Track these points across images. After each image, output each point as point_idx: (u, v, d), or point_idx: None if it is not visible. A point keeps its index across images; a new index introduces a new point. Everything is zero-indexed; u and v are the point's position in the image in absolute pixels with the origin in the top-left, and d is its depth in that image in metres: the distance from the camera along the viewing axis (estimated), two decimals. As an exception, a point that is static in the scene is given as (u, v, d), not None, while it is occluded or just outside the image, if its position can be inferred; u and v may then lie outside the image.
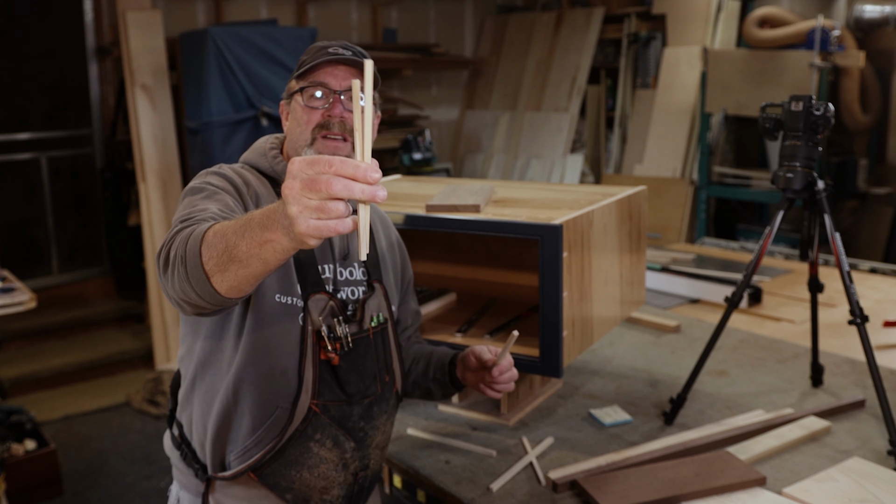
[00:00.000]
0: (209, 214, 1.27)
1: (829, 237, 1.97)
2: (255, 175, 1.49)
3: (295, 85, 1.49)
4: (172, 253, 1.17)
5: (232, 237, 1.07)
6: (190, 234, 1.16)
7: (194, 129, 5.17)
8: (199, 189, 1.38)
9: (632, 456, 1.76)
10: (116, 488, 3.75)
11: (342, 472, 1.49)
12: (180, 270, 1.13)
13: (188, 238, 1.15)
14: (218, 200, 1.34)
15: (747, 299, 3.07)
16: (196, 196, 1.35)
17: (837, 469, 1.69)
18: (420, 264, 2.58)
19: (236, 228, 1.07)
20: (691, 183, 5.96)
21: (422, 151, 6.17)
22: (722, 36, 6.00)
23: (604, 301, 2.00)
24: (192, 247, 1.12)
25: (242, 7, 6.21)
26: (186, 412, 1.52)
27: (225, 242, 1.08)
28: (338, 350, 1.44)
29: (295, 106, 1.48)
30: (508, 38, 7.34)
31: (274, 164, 1.50)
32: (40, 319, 5.27)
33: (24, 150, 5.63)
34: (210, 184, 1.39)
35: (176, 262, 1.15)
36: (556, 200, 2.04)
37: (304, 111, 1.45)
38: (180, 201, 1.39)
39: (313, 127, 1.44)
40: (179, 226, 1.23)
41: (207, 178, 1.41)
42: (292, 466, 1.45)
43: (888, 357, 2.49)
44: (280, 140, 1.57)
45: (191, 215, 1.27)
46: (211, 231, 1.11)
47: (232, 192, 1.40)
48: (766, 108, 2.04)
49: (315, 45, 1.50)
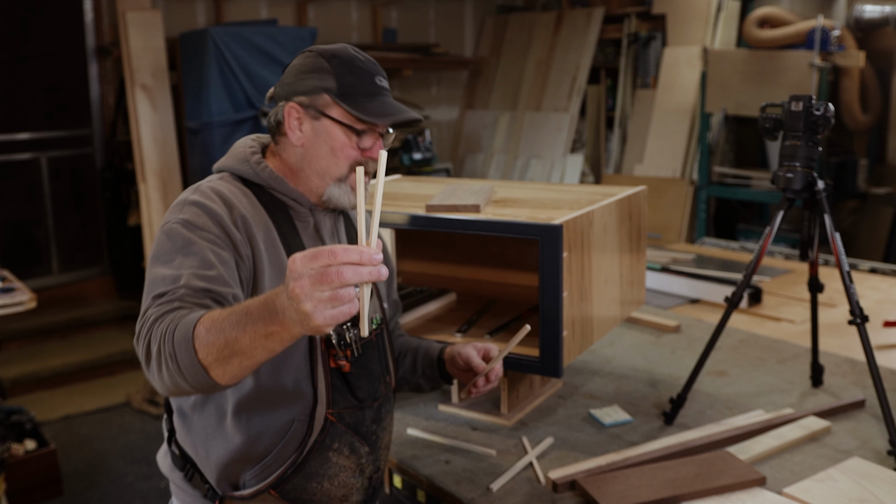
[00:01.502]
0: (185, 294, 1.20)
1: (829, 237, 1.97)
2: (237, 186, 1.41)
3: (333, 108, 1.39)
4: (155, 348, 1.13)
5: (231, 332, 1.06)
6: (173, 329, 1.11)
7: (194, 129, 5.17)
8: (175, 236, 1.29)
9: (632, 456, 1.76)
10: (116, 488, 3.75)
11: (359, 477, 1.49)
12: (171, 367, 1.11)
13: (173, 334, 1.11)
14: (194, 255, 1.26)
15: (747, 299, 3.07)
16: (171, 251, 1.28)
17: (837, 469, 1.69)
18: (420, 264, 2.58)
19: (234, 321, 1.06)
20: (691, 183, 5.96)
21: (422, 151, 6.17)
22: (722, 36, 6.00)
23: (604, 301, 2.00)
24: (181, 344, 1.09)
25: (242, 7, 6.21)
26: (189, 436, 1.45)
27: (224, 338, 1.06)
28: (349, 357, 1.42)
29: (330, 132, 1.40)
30: (508, 38, 7.34)
31: (259, 171, 1.43)
32: (40, 319, 5.27)
33: (24, 150, 5.63)
34: (188, 225, 1.30)
35: (164, 359, 1.11)
36: (556, 200, 2.04)
37: (345, 147, 1.40)
38: (156, 241, 1.31)
39: (352, 163, 1.41)
40: (155, 310, 1.18)
41: (184, 215, 1.32)
42: (313, 479, 1.42)
43: (888, 357, 2.49)
44: (261, 143, 1.50)
45: (165, 291, 1.21)
46: (202, 327, 1.08)
47: (213, 230, 1.30)
48: (766, 108, 2.04)
49: (351, 59, 1.41)
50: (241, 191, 1.41)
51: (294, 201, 1.44)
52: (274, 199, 1.43)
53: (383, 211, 1.93)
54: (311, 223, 1.46)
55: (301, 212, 1.45)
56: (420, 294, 2.26)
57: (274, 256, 1.38)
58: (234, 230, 1.33)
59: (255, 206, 1.40)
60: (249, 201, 1.40)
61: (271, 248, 1.38)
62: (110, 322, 5.61)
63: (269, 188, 1.43)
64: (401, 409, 2.08)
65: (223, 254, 1.29)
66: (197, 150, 5.23)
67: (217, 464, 1.41)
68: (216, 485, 1.43)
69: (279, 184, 1.43)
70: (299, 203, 1.45)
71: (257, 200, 1.41)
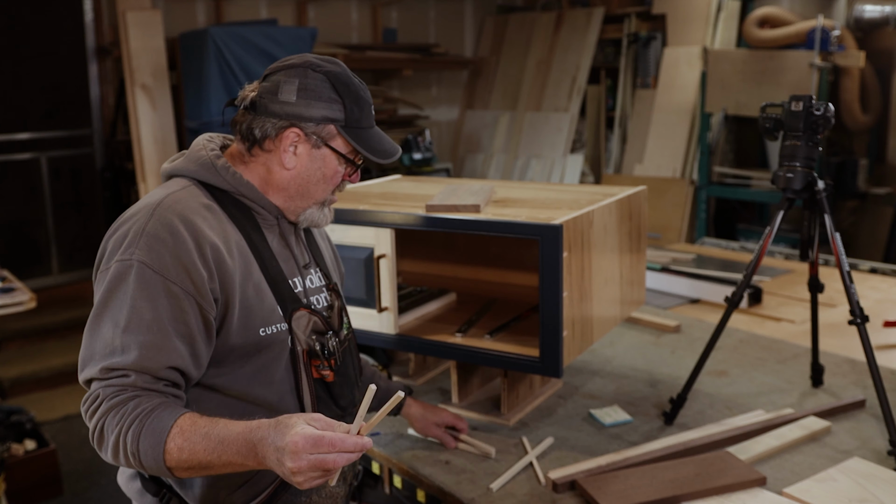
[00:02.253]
0: (138, 380, 1.20)
1: (829, 237, 1.97)
2: (201, 200, 1.33)
3: (337, 139, 1.39)
4: (112, 438, 1.19)
5: (205, 457, 1.16)
6: (138, 433, 1.17)
7: (194, 128, 5.17)
8: (128, 284, 1.22)
9: (632, 456, 1.76)
10: (116, 488, 3.74)
11: (343, 486, 1.50)
12: (131, 461, 1.19)
13: (138, 439, 1.16)
14: (149, 320, 1.21)
15: (747, 299, 3.07)
16: (124, 306, 1.22)
17: (837, 469, 1.69)
18: (420, 264, 2.58)
19: (209, 448, 1.15)
20: (691, 183, 5.96)
21: (422, 151, 6.17)
22: (722, 36, 6.00)
23: (604, 301, 2.00)
24: (148, 452, 1.16)
25: (242, 7, 6.21)
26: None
27: (197, 461, 1.16)
28: (332, 366, 1.41)
29: (328, 160, 1.39)
30: (508, 38, 7.34)
31: (227, 177, 1.37)
32: (40, 319, 5.27)
33: (23, 150, 5.63)
34: (147, 270, 1.22)
35: (122, 452, 1.19)
36: (556, 200, 2.04)
37: (336, 175, 1.41)
38: (107, 285, 1.23)
39: (334, 188, 1.43)
40: (106, 391, 1.20)
41: (144, 256, 1.22)
42: (301, 494, 1.42)
43: (888, 357, 2.49)
44: (219, 143, 1.45)
45: (113, 366, 1.20)
46: (174, 445, 1.16)
47: (174, 277, 1.23)
48: (766, 108, 2.04)
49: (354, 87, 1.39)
50: (206, 206, 1.33)
51: (262, 209, 1.41)
52: (239, 205, 1.39)
53: (383, 211, 1.93)
54: (277, 230, 1.44)
55: (267, 218, 1.42)
56: (420, 294, 2.25)
57: (246, 272, 1.34)
58: (200, 271, 1.26)
59: (221, 223, 1.33)
60: (216, 217, 1.33)
61: (244, 266, 1.34)
62: (110, 322, 5.61)
63: (236, 194, 1.38)
64: (401, 409, 2.08)
65: (183, 314, 1.24)
66: (197, 150, 5.22)
67: (201, 485, 1.35)
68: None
69: (249, 190, 1.39)
70: (267, 211, 1.42)
71: (222, 212, 1.35)
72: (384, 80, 6.96)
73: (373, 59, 6.44)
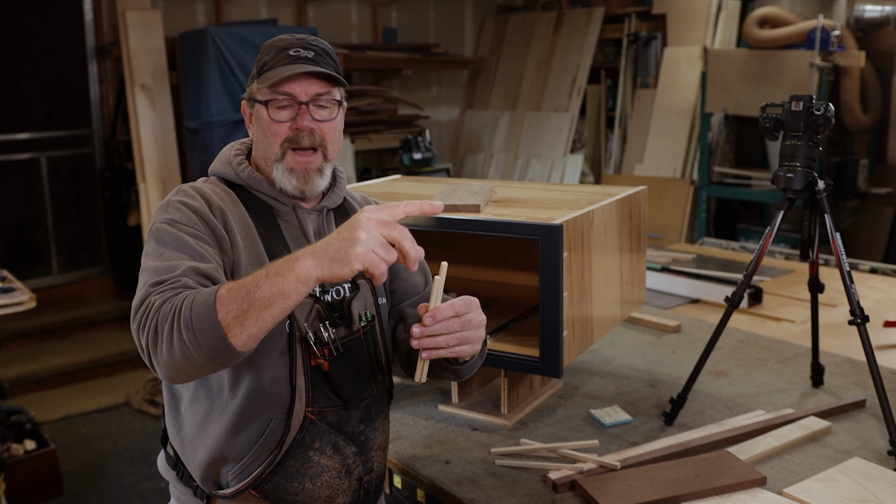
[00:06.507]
0: (185, 280, 1.25)
1: (829, 237, 1.97)
2: (221, 187, 1.45)
3: (257, 92, 1.42)
4: (167, 325, 1.17)
5: (251, 281, 1.15)
6: (191, 300, 1.17)
7: (194, 129, 5.17)
8: (164, 234, 1.34)
9: (632, 456, 1.76)
10: (116, 488, 3.75)
11: (346, 478, 1.46)
12: (185, 337, 1.15)
13: (192, 304, 1.16)
14: (186, 249, 1.31)
15: (747, 299, 3.07)
16: (163, 246, 1.32)
17: (838, 469, 1.69)
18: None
19: (254, 275, 1.16)
20: (691, 183, 5.96)
21: (422, 151, 6.16)
22: (722, 36, 6.00)
23: (604, 301, 2.00)
24: (201, 308, 1.15)
25: (242, 7, 6.21)
26: (178, 436, 1.46)
27: (245, 288, 1.15)
28: (326, 356, 1.41)
29: (260, 114, 1.43)
30: (508, 38, 7.34)
31: (239, 172, 1.45)
32: (40, 319, 5.27)
33: (23, 150, 5.63)
34: (173, 223, 1.35)
35: (176, 332, 1.16)
36: (556, 200, 2.04)
37: (270, 124, 1.41)
38: (147, 243, 1.35)
39: (282, 141, 1.41)
40: (158, 296, 1.22)
41: (169, 215, 1.37)
42: (293, 478, 1.41)
43: (888, 357, 2.49)
44: (246, 146, 1.52)
45: (164, 279, 1.25)
46: (224, 289, 1.16)
47: (196, 224, 1.36)
48: (767, 107, 2.04)
49: (274, 43, 1.43)
50: (224, 191, 1.45)
51: (276, 200, 1.45)
52: (257, 201, 1.45)
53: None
54: (294, 222, 1.46)
55: (284, 211, 1.46)
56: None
57: (252, 252, 1.39)
58: (215, 223, 1.37)
59: (235, 205, 1.43)
60: (231, 199, 1.43)
61: (249, 244, 1.39)
62: (110, 322, 5.61)
63: (250, 188, 1.45)
64: (401, 409, 2.08)
65: (210, 249, 1.34)
66: (197, 149, 5.22)
67: (200, 462, 1.42)
68: (201, 484, 1.43)
69: (258, 183, 1.45)
70: (281, 202, 1.45)
71: (240, 201, 1.44)
72: (384, 80, 6.96)
73: (373, 59, 6.44)
